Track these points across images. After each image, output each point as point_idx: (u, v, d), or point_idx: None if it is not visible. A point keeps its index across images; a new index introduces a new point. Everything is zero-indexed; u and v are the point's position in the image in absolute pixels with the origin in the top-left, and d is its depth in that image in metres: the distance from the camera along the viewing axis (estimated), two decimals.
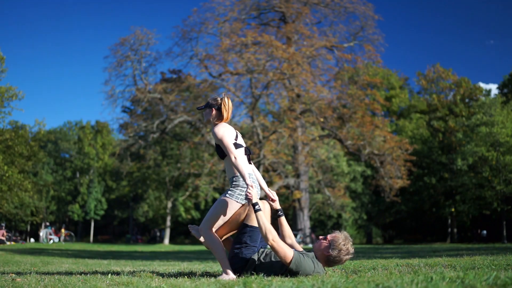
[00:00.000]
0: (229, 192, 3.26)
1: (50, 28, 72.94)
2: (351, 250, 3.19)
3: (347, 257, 3.18)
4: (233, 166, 3.16)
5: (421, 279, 2.38)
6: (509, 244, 18.70)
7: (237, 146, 3.28)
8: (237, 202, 3.22)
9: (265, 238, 3.04)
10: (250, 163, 3.39)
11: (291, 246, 3.35)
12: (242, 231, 3.24)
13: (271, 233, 3.02)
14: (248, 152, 3.39)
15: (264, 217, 3.05)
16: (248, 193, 3.07)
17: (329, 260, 3.18)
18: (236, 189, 3.23)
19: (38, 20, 72.34)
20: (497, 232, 28.99)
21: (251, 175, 3.27)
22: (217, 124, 3.37)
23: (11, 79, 78.28)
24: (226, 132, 3.25)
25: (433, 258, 4.97)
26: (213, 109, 3.41)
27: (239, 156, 3.14)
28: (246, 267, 3.22)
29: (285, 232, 3.43)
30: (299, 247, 3.45)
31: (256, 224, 3.16)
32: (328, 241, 3.20)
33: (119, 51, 20.97)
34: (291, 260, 3.01)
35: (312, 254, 3.22)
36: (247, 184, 3.08)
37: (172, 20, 76.26)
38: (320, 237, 3.29)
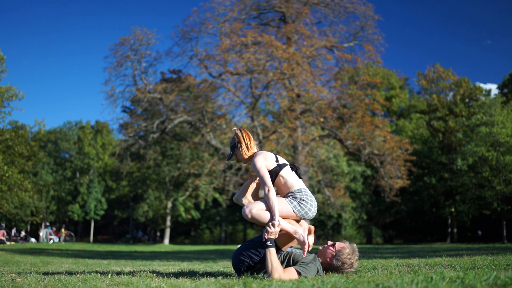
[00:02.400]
0: (289, 198, 3.24)
1: (50, 28, 73.06)
2: (355, 265, 3.17)
3: (349, 270, 3.16)
4: (265, 197, 3.15)
5: (421, 279, 2.38)
6: (509, 244, 18.70)
7: (281, 166, 3.29)
8: (293, 210, 3.20)
9: (272, 277, 2.92)
10: (300, 178, 3.39)
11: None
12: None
13: (277, 271, 2.92)
14: (295, 168, 3.40)
15: (274, 255, 2.99)
16: (269, 227, 3.04)
17: (330, 267, 3.18)
18: (295, 200, 3.22)
19: (38, 20, 72.42)
20: (497, 232, 28.99)
21: (305, 190, 3.27)
22: (253, 155, 3.37)
23: (11, 79, 78.52)
24: (264, 164, 3.24)
25: (433, 258, 4.97)
26: (239, 147, 3.40)
27: (272, 189, 3.12)
28: (251, 270, 3.25)
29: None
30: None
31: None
32: (335, 250, 3.18)
33: (119, 51, 20.94)
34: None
35: (313, 255, 3.21)
36: (272, 220, 3.06)
37: (172, 20, 76.46)
38: (329, 243, 3.25)
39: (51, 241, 25.19)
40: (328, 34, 21.33)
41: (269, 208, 3.11)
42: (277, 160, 3.32)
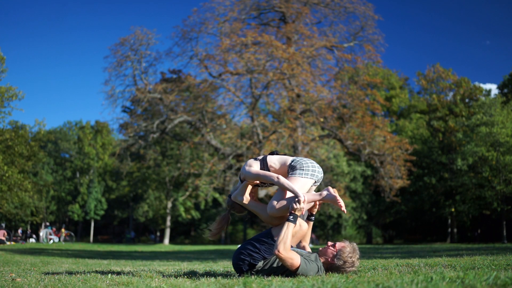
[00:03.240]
0: (290, 173, 3.27)
1: (50, 28, 73.05)
2: (357, 263, 3.18)
3: (351, 269, 3.16)
4: (279, 187, 3.21)
5: (421, 279, 2.38)
6: (509, 244, 18.69)
7: (264, 158, 3.40)
8: (301, 177, 3.22)
9: (276, 246, 2.96)
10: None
11: (303, 249, 3.38)
12: (265, 239, 3.21)
13: (285, 245, 2.95)
14: (275, 153, 3.49)
15: (291, 230, 3.01)
16: (295, 204, 3.06)
17: (332, 267, 3.18)
18: (295, 170, 3.25)
19: (38, 20, 72.42)
20: (497, 232, 28.98)
21: (297, 157, 3.35)
22: (248, 163, 3.44)
23: (11, 79, 78.49)
24: (254, 169, 3.34)
25: (433, 258, 4.97)
26: (229, 207, 3.64)
27: (280, 175, 3.21)
28: (252, 268, 3.24)
29: (306, 236, 3.47)
30: (308, 249, 3.46)
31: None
32: (336, 250, 3.19)
33: (119, 51, 20.92)
34: (297, 268, 2.99)
35: (315, 255, 3.21)
36: (297, 197, 3.07)
37: (172, 20, 76.47)
38: (329, 243, 3.26)
39: (51, 241, 25.19)
40: (328, 34, 21.32)
41: (287, 191, 3.17)
42: (256, 159, 3.43)
